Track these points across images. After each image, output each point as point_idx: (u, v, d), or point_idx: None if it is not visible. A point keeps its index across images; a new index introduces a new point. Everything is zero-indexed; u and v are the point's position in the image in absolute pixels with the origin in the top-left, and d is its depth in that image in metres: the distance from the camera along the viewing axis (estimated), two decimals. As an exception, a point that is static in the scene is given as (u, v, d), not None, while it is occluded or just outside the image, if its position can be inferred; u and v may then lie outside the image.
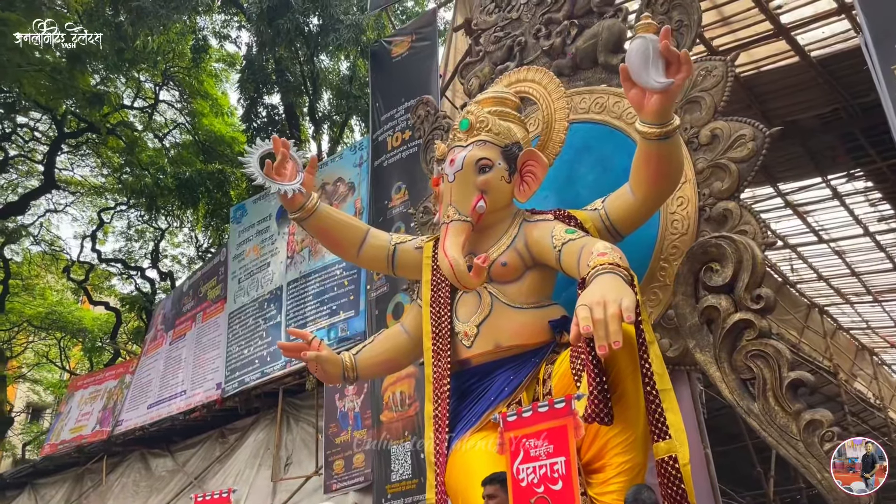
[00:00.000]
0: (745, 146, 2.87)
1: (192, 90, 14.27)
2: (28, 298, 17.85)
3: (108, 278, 19.30)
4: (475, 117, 2.92)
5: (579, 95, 3.51)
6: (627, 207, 2.75)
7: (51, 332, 18.56)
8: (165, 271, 18.03)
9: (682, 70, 2.27)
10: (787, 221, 9.91)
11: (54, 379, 21.22)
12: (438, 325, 2.94)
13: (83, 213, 17.56)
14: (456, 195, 2.84)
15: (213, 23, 14.12)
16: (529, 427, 2.31)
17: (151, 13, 10.10)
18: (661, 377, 2.25)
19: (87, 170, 16.23)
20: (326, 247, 3.45)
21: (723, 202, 2.88)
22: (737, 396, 2.62)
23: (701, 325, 2.76)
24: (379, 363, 3.24)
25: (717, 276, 2.73)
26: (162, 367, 10.13)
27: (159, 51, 12.86)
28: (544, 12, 3.84)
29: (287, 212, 3.11)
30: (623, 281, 2.06)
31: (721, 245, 2.73)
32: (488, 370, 2.78)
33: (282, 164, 2.91)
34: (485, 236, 2.91)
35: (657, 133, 2.39)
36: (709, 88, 3.06)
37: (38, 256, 17.95)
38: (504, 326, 2.75)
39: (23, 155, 15.20)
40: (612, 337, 1.84)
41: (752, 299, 2.64)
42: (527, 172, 2.91)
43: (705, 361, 2.72)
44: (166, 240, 18.18)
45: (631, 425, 2.23)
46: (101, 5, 10.47)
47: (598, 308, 1.88)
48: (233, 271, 9.57)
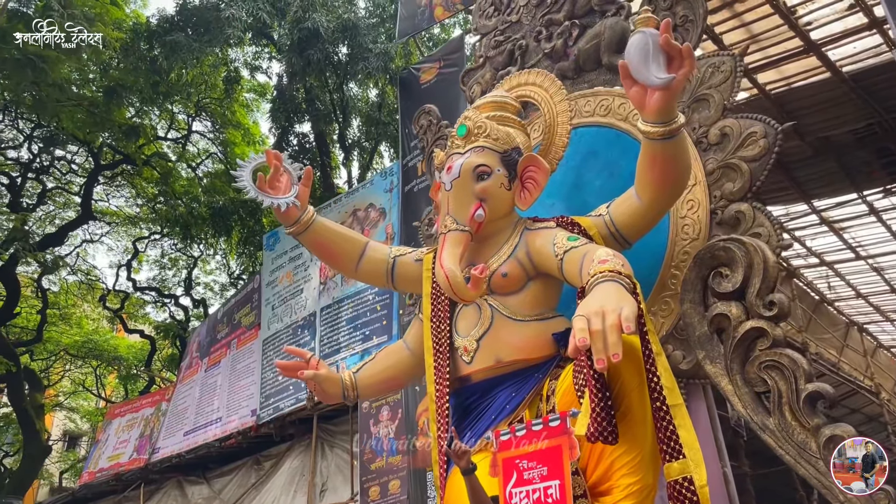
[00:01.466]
0: (756, 144, 2.71)
1: (225, 120, 14.55)
2: (65, 327, 18.18)
3: (142, 306, 19.60)
4: (473, 123, 2.79)
5: (583, 98, 3.37)
6: (633, 212, 2.59)
7: (87, 361, 18.87)
8: (198, 298, 18.29)
9: (685, 65, 2.12)
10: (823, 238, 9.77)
11: (90, 407, 21.52)
12: (439, 341, 2.79)
13: (118, 243, 17.91)
14: (453, 204, 2.70)
15: (244, 55, 14.43)
16: (523, 447, 2.19)
17: (185, 47, 10.35)
18: (670, 391, 2.06)
19: (123, 200, 16.59)
20: (324, 261, 3.31)
21: (735, 204, 2.71)
22: (750, 411, 2.42)
23: (711, 334, 2.57)
24: (380, 381, 3.06)
25: (727, 282, 2.54)
26: (197, 395, 10.23)
27: (192, 83, 13.16)
28: (544, 13, 3.70)
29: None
30: (624, 289, 1.90)
31: (730, 248, 2.55)
32: (489, 387, 2.61)
33: (275, 176, 2.79)
34: (485, 246, 2.76)
35: (661, 132, 2.26)
36: (717, 85, 2.90)
37: (75, 286, 18.29)
38: (505, 340, 2.58)
39: (60, 187, 15.59)
40: (611, 349, 1.69)
41: (765, 306, 2.44)
42: (527, 179, 2.76)
43: (716, 373, 2.53)
44: (199, 267, 18.45)
45: (638, 443, 2.06)
46: (136, 40, 10.76)
47: (596, 319, 1.74)
48: (266, 298, 9.67)
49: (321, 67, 11.22)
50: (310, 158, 13.62)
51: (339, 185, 14.61)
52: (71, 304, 18.71)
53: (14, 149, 14.16)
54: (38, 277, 15.53)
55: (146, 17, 11.99)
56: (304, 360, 2.90)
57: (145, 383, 18.15)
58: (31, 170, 14.31)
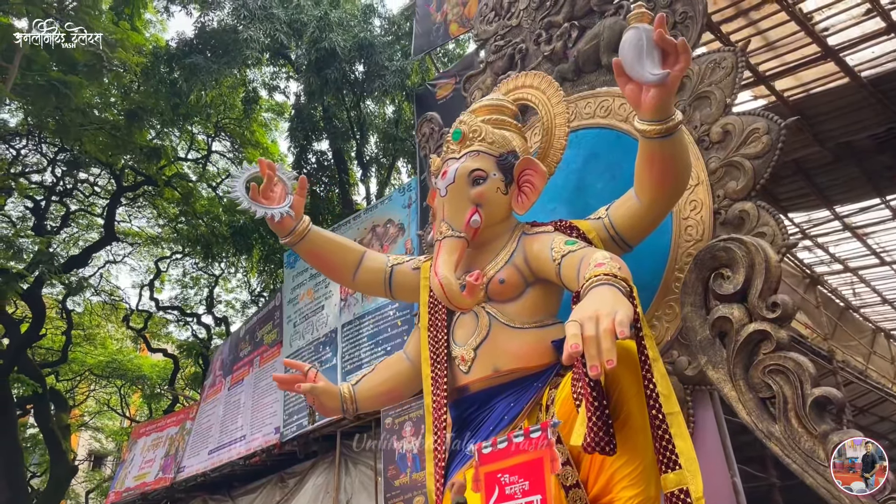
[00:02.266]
0: (759, 141, 2.63)
1: (244, 140, 14.72)
2: (89, 348, 18.39)
3: (165, 325, 19.79)
4: (468, 127, 2.71)
5: (584, 100, 3.30)
6: (633, 214, 2.50)
7: (111, 381, 19.06)
8: (220, 317, 18.42)
9: (681, 60, 2.06)
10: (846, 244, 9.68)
11: (115, 426, 21.70)
12: (436, 350, 2.69)
13: (141, 263, 18.12)
14: (449, 210, 2.62)
15: (262, 75, 14.62)
16: (505, 460, 2.09)
17: (204, 69, 10.50)
18: (667, 399, 1.97)
19: (144, 221, 16.79)
20: (321, 271, 3.17)
21: (738, 203, 2.62)
22: (755, 418, 2.30)
23: (713, 338, 2.49)
24: (380, 393, 2.97)
25: (728, 284, 2.45)
26: (221, 413, 10.28)
27: (212, 104, 13.33)
28: (544, 16, 3.64)
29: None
30: (620, 293, 1.83)
31: (730, 248, 2.45)
32: (488, 397, 2.51)
33: (269, 186, 2.73)
34: (482, 253, 2.68)
35: (658, 130, 2.19)
36: (718, 82, 2.82)
37: (99, 306, 18.51)
38: (503, 349, 2.49)
39: (83, 209, 15.82)
40: (604, 355, 1.62)
41: (768, 307, 2.34)
42: (524, 182, 2.67)
43: (719, 379, 2.43)
44: (220, 285, 18.61)
45: (639, 453, 1.98)
46: (156, 64, 10.93)
47: (589, 323, 1.67)
48: (288, 315, 9.72)
49: (338, 86, 11.33)
50: (328, 176, 13.73)
51: (358, 201, 14.71)
52: (95, 324, 18.94)
53: (38, 172, 14.41)
54: (62, 299, 15.75)
55: (166, 41, 12.19)
56: (301, 372, 2.84)
57: (169, 402, 18.28)
58: (54, 193, 14.53)
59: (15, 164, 13.76)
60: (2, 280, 11.50)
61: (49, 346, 17.02)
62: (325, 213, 13.72)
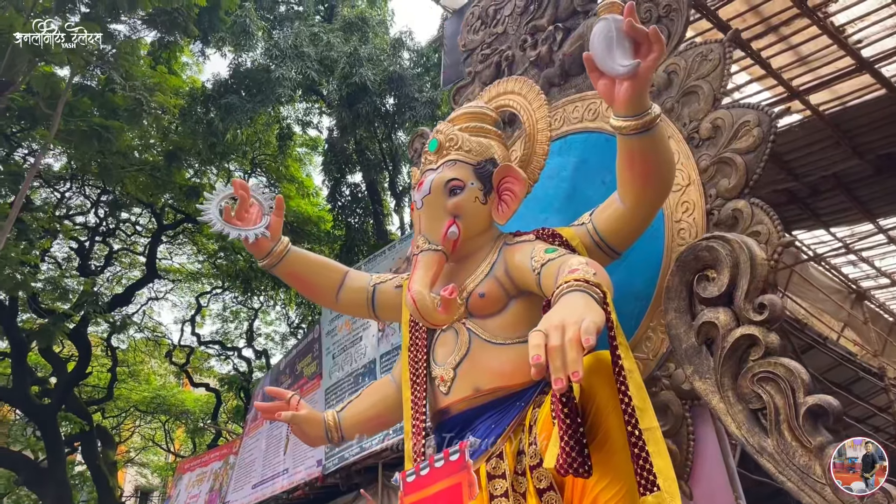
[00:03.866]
0: (749, 134, 2.46)
1: (279, 175, 14.98)
2: (134, 384, 18.69)
3: (206, 360, 20.05)
4: (444, 136, 2.58)
5: (571, 104, 3.15)
6: (617, 218, 2.37)
7: (156, 416, 19.31)
8: (260, 350, 18.61)
9: (654, 49, 1.94)
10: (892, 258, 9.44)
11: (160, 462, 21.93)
12: (416, 371, 2.54)
13: (182, 299, 18.43)
14: (425, 222, 2.49)
15: (295, 111, 14.91)
16: (428, 488, 1.98)
17: (239, 108, 10.76)
18: (643, 412, 1.78)
19: (185, 257, 17.13)
20: (303, 293, 3.06)
21: (732, 202, 2.45)
22: (745, 432, 2.10)
23: (699, 346, 2.30)
24: (366, 419, 2.79)
25: (713, 286, 2.28)
26: (264, 447, 10.33)
27: (247, 141, 13.62)
28: (528, 20, 3.51)
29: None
30: (592, 299, 1.72)
31: (713, 247, 2.28)
32: (469, 419, 2.33)
33: (243, 207, 2.62)
34: (463, 267, 2.54)
35: (634, 126, 2.06)
36: (706, 75, 2.68)
37: (143, 343, 18.83)
38: (483, 367, 2.34)
39: (126, 248, 16.20)
40: (570, 367, 1.49)
41: (755, 309, 2.17)
42: (504, 191, 2.53)
43: (706, 390, 2.21)
44: (259, 318, 18.81)
45: (622, 474, 1.81)
46: (193, 105, 11.22)
47: (554, 333, 1.56)
48: (327, 347, 9.77)
49: (370, 119, 11.50)
50: (362, 207, 13.87)
51: (392, 231, 14.83)
52: (139, 360, 19.26)
53: (82, 214, 14.82)
54: (107, 337, 16.07)
55: (202, 83, 12.52)
56: (283, 400, 2.72)
57: (212, 436, 18.44)
58: (98, 233, 14.92)
59: (60, 206, 14.19)
60: (50, 321, 11.79)
61: (95, 383, 17.36)
62: (360, 244, 13.84)
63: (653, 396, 2.38)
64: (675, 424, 2.43)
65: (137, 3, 8.95)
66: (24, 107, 9.91)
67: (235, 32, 11.02)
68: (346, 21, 12.20)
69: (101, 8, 8.95)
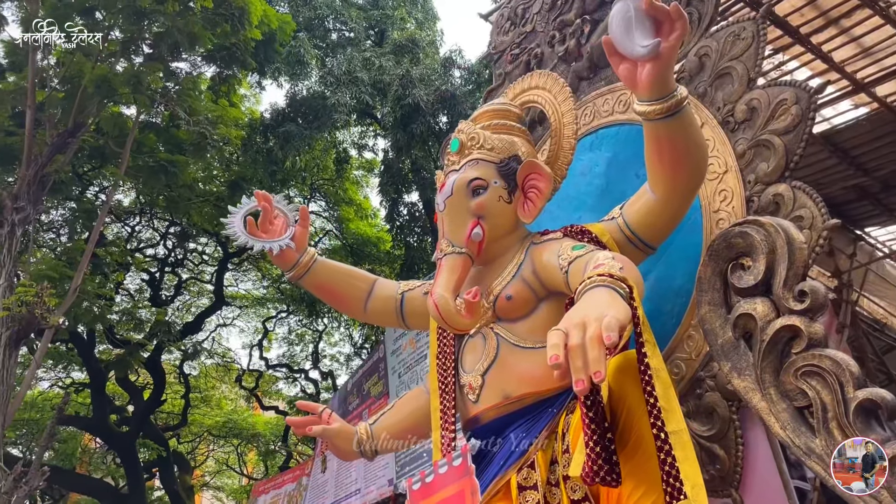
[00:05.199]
0: (787, 113, 2.30)
1: (338, 198, 15.23)
2: (206, 409, 19.13)
3: (275, 383, 20.40)
4: (465, 135, 2.49)
5: (601, 97, 3.03)
6: (649, 210, 2.23)
7: (228, 440, 19.71)
8: (326, 371, 18.85)
9: (676, 27, 1.81)
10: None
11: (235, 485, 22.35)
12: (444, 380, 2.44)
13: (249, 324, 18.84)
14: (448, 225, 2.39)
15: (351, 135, 15.17)
16: (433, 496, 1.90)
17: (297, 135, 11.02)
18: (670, 414, 1.66)
19: (250, 283, 17.53)
20: (332, 304, 2.96)
21: (772, 187, 2.30)
22: (790, 432, 1.90)
23: (736, 340, 2.12)
24: (400, 431, 2.70)
25: (748, 275, 2.09)
26: (335, 467, 10.44)
27: (306, 167, 13.91)
28: (556, 16, 3.41)
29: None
30: (618, 294, 1.61)
31: (747, 233, 2.09)
32: (500, 428, 2.23)
33: (267, 219, 2.58)
34: (491, 269, 2.43)
35: (659, 110, 1.94)
36: (738, 56, 2.52)
37: (213, 369, 19.29)
38: (512, 372, 2.23)
39: (194, 277, 16.69)
40: (591, 366, 1.38)
41: (795, 297, 1.98)
42: (529, 188, 2.42)
43: (745, 388, 2.05)
44: (324, 340, 19.08)
45: (658, 481, 1.67)
46: (253, 135, 11.54)
47: (575, 331, 1.45)
48: (392, 366, 9.85)
49: (424, 139, 11.60)
50: (420, 226, 13.98)
51: (451, 248, 14.84)
52: (210, 386, 19.73)
53: (152, 247, 15.37)
54: (179, 364, 16.54)
55: (260, 113, 12.87)
56: (315, 414, 2.68)
57: (283, 458, 18.73)
58: (167, 264, 15.41)
59: (131, 240, 14.73)
60: (126, 351, 12.22)
61: (170, 410, 17.85)
62: (419, 262, 13.93)
63: (697, 399, 2.36)
64: (721, 428, 2.29)
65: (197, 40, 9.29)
66: (95, 146, 10.36)
67: (290, 62, 11.32)
68: (396, 44, 12.39)
69: (163, 48, 9.31)
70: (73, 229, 11.62)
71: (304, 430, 2.66)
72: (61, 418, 11.11)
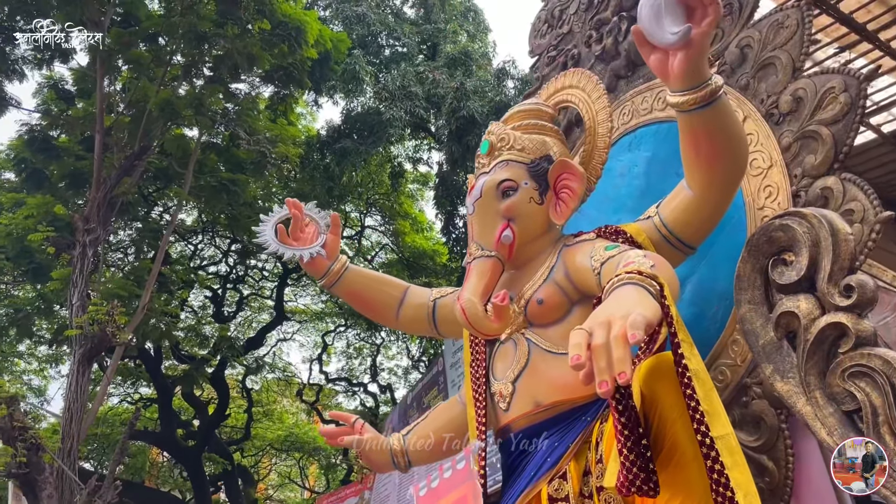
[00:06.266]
0: (835, 102, 2.15)
1: (393, 213, 15.33)
2: (269, 423, 19.41)
3: (334, 396, 20.58)
4: (495, 136, 2.43)
5: (640, 95, 2.96)
6: (686, 207, 2.12)
7: (290, 454, 19.95)
8: (384, 384, 18.93)
9: (709, 12, 1.71)
10: None
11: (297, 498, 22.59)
12: (477, 388, 2.36)
13: (308, 339, 19.06)
14: (477, 228, 2.32)
15: (406, 149, 15.25)
16: (440, 501, 1.85)
17: (353, 151, 11.13)
18: (714, 417, 1.53)
19: (309, 298, 17.72)
20: (363, 313, 2.87)
21: (820, 180, 2.15)
22: (838, 438, 1.74)
23: (779, 341, 1.98)
24: (434, 443, 2.60)
25: (791, 270, 1.95)
26: (397, 481, 10.42)
27: (362, 183, 14.06)
28: (593, 15, 3.36)
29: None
30: (647, 292, 1.51)
31: (788, 226, 1.96)
32: (532, 437, 2.14)
33: (297, 227, 2.57)
34: (524, 273, 2.35)
35: (693, 100, 1.83)
36: (783, 44, 2.40)
37: (274, 383, 19.57)
38: (544, 379, 2.13)
39: (255, 293, 16.99)
40: (616, 367, 1.29)
41: (840, 293, 1.83)
42: (562, 188, 2.33)
43: (789, 392, 1.90)
44: (382, 353, 19.17)
45: (696, 490, 1.56)
46: (310, 152, 11.71)
47: (599, 330, 1.35)
48: (451, 379, 9.81)
49: (479, 151, 11.59)
50: (477, 238, 13.94)
51: (507, 260, 14.78)
52: (272, 400, 20.02)
53: (214, 264, 15.71)
54: (242, 379, 16.84)
55: (316, 130, 13.05)
56: (348, 424, 2.64)
57: (344, 472, 18.85)
58: (229, 281, 15.73)
59: (194, 258, 15.10)
60: (191, 366, 12.50)
61: (233, 424, 18.16)
62: (476, 274, 13.90)
63: (743, 407, 2.24)
64: (770, 438, 2.16)
65: (256, 62, 9.49)
66: (160, 168, 10.67)
67: (345, 80, 11.45)
68: (449, 57, 12.43)
69: (223, 70, 9.55)
70: (140, 249, 11.96)
71: (336, 440, 2.64)
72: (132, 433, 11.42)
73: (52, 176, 10.32)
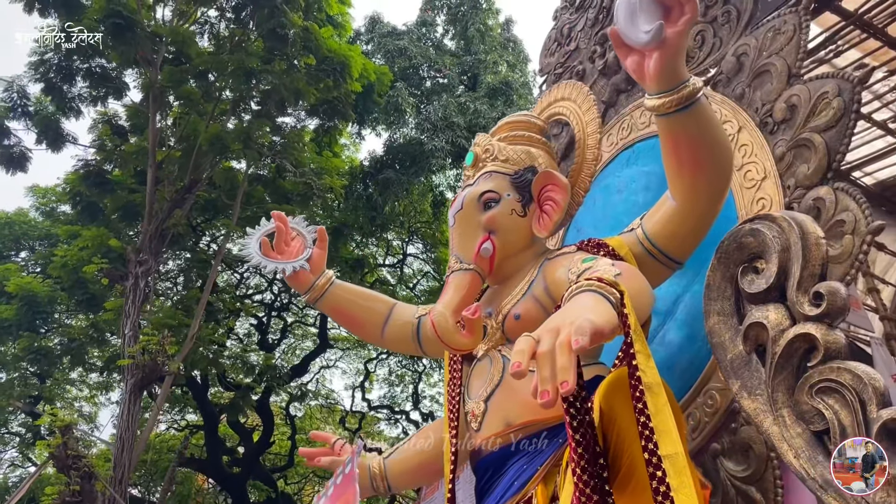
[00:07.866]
0: (828, 107, 2.05)
1: (435, 241, 15.43)
2: (312, 450, 19.49)
3: (376, 423, 20.59)
4: (480, 148, 2.36)
5: (638, 109, 2.88)
6: (670, 218, 2.02)
7: (333, 481, 19.97)
8: (426, 412, 18.88)
9: (686, 10, 1.64)
10: None
11: (340, 526, 22.56)
12: (452, 409, 2.24)
13: (351, 366, 19.16)
14: (457, 240, 2.24)
15: (447, 178, 15.39)
16: None
17: (395, 181, 11.30)
18: (664, 435, 1.42)
19: (352, 326, 17.88)
20: (349, 330, 2.87)
21: (812, 190, 2.03)
22: (804, 461, 1.58)
23: (748, 355, 1.82)
24: (414, 466, 2.50)
25: (760, 278, 1.81)
26: None
27: (404, 212, 14.21)
28: (598, 31, 3.34)
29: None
30: (604, 299, 1.43)
31: (758, 230, 1.83)
32: (502, 460, 2.01)
33: (282, 240, 2.48)
34: (505, 288, 2.25)
35: (671, 102, 1.74)
36: (778, 51, 2.32)
37: (318, 410, 19.67)
38: (516, 397, 2.00)
39: (298, 321, 17.19)
40: (559, 376, 1.20)
41: (810, 301, 1.68)
42: (546, 200, 2.25)
43: (756, 410, 1.73)
44: (423, 381, 19.17)
45: None
46: (354, 183, 11.91)
47: (547, 337, 1.27)
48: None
49: (519, 179, 11.67)
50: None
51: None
52: (315, 427, 20.10)
53: (259, 293, 15.96)
54: (286, 406, 16.98)
55: (360, 161, 13.27)
56: (328, 444, 2.55)
57: (387, 501, 18.79)
58: (273, 309, 15.96)
59: (240, 287, 15.37)
60: (237, 394, 12.67)
61: (277, 451, 18.28)
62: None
63: (732, 434, 2.12)
64: (758, 468, 2.01)
65: (302, 96, 9.73)
66: (208, 199, 10.94)
67: (388, 111, 11.66)
68: (490, 88, 12.57)
69: (270, 104, 9.80)
70: (188, 278, 12.23)
71: (314, 461, 2.56)
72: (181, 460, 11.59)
73: (105, 209, 10.67)
